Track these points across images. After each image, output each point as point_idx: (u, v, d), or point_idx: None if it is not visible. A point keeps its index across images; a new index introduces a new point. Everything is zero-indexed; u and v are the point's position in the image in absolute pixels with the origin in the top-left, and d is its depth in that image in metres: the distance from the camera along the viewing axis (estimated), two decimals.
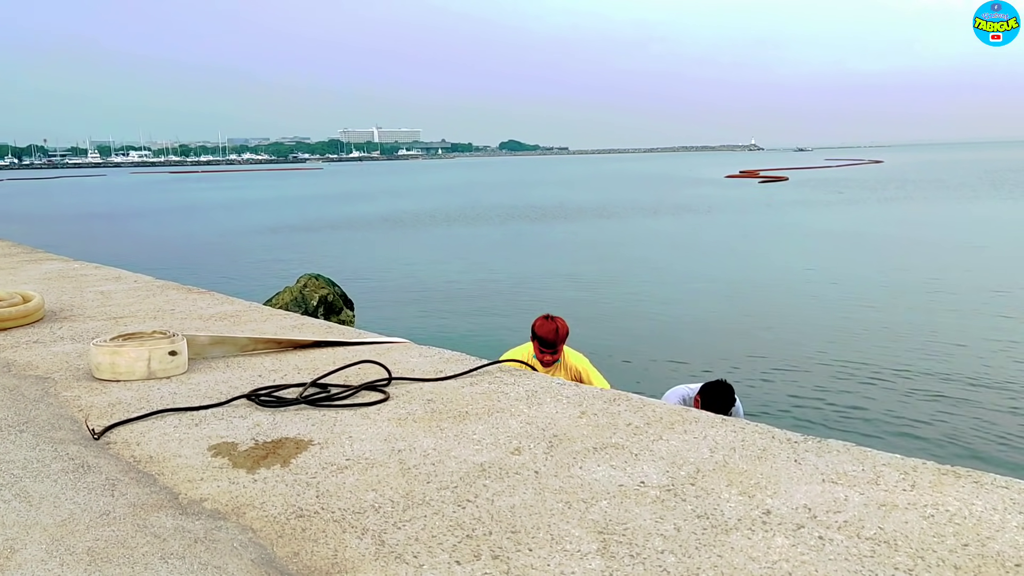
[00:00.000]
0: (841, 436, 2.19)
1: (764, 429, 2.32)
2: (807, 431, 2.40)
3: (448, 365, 3.14)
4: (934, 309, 12.07)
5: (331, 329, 3.95)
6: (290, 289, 6.65)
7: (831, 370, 9.01)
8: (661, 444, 2.20)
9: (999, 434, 6.74)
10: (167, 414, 2.53)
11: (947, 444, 6.63)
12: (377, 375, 2.90)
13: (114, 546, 1.64)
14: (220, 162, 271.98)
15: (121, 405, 2.66)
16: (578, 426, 2.37)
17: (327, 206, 46.12)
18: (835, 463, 2.03)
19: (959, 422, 7.07)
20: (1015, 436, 6.61)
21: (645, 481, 1.94)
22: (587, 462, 2.08)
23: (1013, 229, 23.85)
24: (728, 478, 1.95)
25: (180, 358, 3.03)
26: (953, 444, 6.63)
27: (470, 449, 2.19)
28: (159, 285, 5.35)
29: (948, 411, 7.42)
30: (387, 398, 2.68)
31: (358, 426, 2.40)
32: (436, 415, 2.51)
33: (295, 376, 3.00)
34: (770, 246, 21.34)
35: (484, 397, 2.70)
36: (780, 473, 1.97)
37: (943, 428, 7.01)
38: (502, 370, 3.06)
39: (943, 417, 7.31)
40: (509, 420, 2.44)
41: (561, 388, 2.80)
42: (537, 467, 2.05)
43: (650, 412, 2.50)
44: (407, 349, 3.45)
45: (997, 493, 1.81)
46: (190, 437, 2.32)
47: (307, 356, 3.33)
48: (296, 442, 2.26)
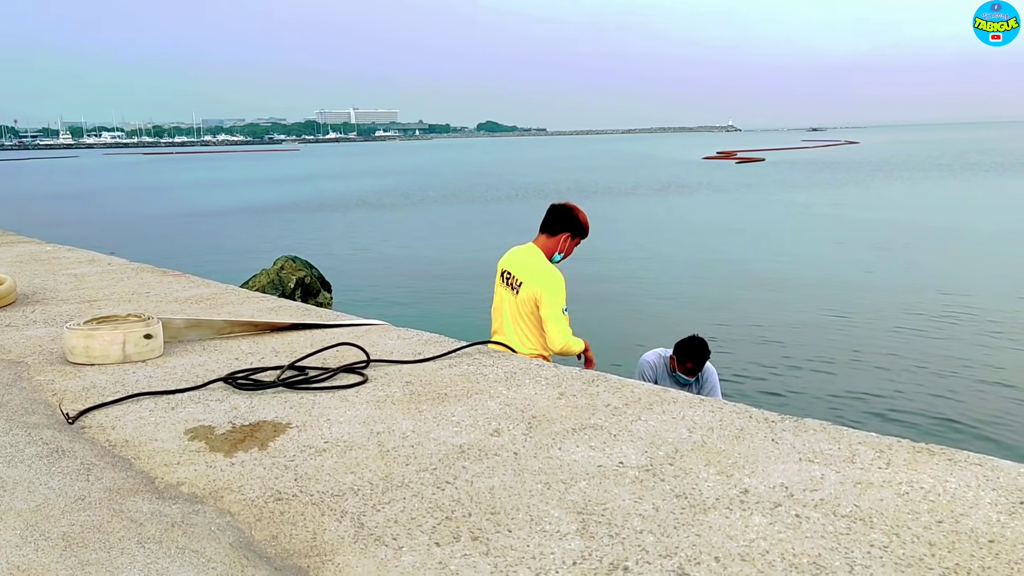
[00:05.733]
0: (818, 413, 2.23)
1: (742, 409, 2.34)
2: (784, 408, 2.44)
3: (427, 347, 3.13)
4: (908, 288, 12.22)
5: (308, 311, 3.93)
6: (267, 272, 6.59)
7: (807, 348, 9.11)
8: (640, 424, 2.21)
9: (974, 412, 6.86)
10: (143, 398, 2.50)
11: (922, 421, 6.73)
12: (355, 357, 2.89)
13: (89, 531, 1.62)
14: (195, 143, 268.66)
15: (96, 389, 2.62)
16: (557, 407, 2.38)
17: (304, 187, 45.76)
18: (812, 442, 2.05)
19: (933, 399, 7.18)
20: (989, 413, 6.72)
21: (624, 461, 1.95)
22: (566, 443, 2.08)
23: (984, 208, 24.17)
24: (706, 458, 1.96)
25: (155, 341, 2.99)
26: (928, 420, 6.74)
27: (449, 431, 2.19)
28: (133, 268, 5.28)
29: (923, 388, 7.54)
30: (365, 380, 2.67)
31: (336, 409, 2.39)
32: (415, 397, 2.50)
33: (272, 359, 2.98)
34: (746, 227, 21.46)
35: (463, 379, 2.69)
36: (758, 452, 1.99)
37: (918, 405, 7.12)
38: (481, 352, 3.05)
39: (918, 394, 7.43)
40: (488, 402, 2.44)
41: (540, 369, 2.80)
42: (516, 448, 2.05)
43: (628, 393, 2.51)
44: (385, 331, 3.44)
45: (971, 470, 1.84)
46: (166, 421, 2.30)
47: (285, 339, 3.30)
48: (274, 425, 2.24)
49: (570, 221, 3.95)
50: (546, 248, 3.95)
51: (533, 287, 3.82)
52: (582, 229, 3.99)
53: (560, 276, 3.87)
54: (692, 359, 4.85)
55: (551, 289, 3.81)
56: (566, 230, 3.95)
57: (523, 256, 3.98)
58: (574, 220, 3.96)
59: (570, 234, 3.96)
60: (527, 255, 3.96)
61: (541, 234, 3.99)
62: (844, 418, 6.97)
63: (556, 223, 3.96)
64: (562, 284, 3.85)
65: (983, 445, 5.91)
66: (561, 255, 3.98)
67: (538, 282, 3.83)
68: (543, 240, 3.97)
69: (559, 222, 3.96)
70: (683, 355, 4.87)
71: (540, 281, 3.82)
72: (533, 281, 3.84)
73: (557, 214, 3.98)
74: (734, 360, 8.50)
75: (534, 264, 3.90)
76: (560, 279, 3.85)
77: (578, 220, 3.96)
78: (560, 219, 3.96)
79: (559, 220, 3.96)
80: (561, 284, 3.84)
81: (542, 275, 3.84)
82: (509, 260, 4.05)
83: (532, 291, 3.83)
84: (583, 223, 3.98)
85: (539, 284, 3.82)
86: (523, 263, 3.94)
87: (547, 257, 3.94)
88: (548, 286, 3.81)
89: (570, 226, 3.95)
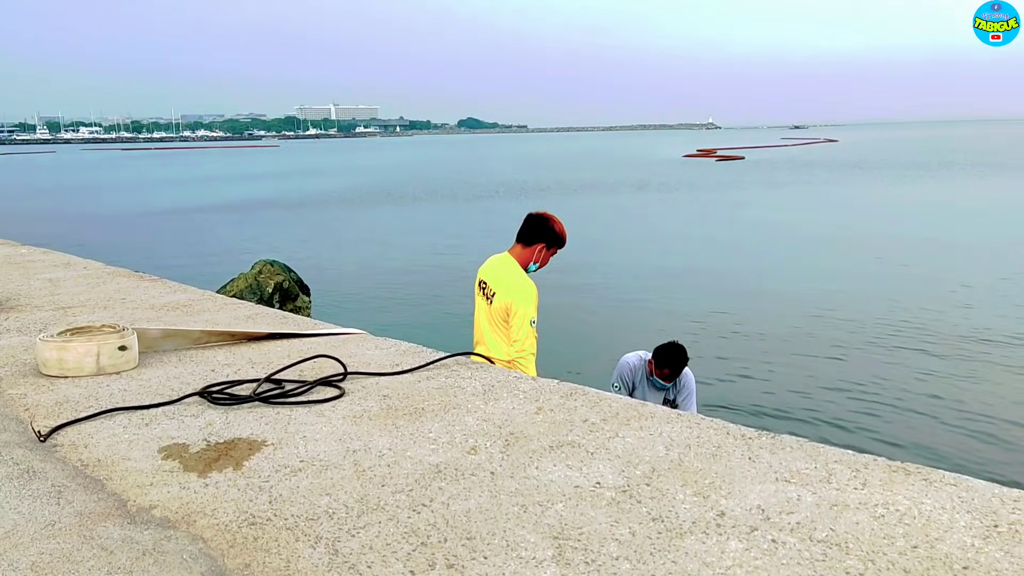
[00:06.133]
0: (792, 423, 2.22)
1: (719, 425, 2.34)
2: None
3: (404, 358, 3.11)
4: (885, 294, 12.32)
5: (286, 319, 3.90)
6: (245, 276, 6.53)
7: (785, 352, 9.17)
8: (617, 442, 2.21)
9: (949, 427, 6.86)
10: (116, 413, 2.47)
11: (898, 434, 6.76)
12: (332, 370, 2.87)
13: (59, 560, 1.59)
14: (173, 139, 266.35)
15: (69, 403, 2.59)
16: (535, 423, 2.37)
17: (285, 184, 45.48)
18: (788, 460, 2.06)
19: (910, 411, 7.22)
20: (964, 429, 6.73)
21: (601, 482, 1.95)
22: (543, 462, 2.08)
23: (961, 213, 24.42)
24: (683, 477, 1.96)
25: (130, 353, 2.95)
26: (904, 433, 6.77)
27: (426, 449, 2.17)
28: (109, 272, 5.21)
29: (899, 399, 7.58)
30: (342, 394, 2.65)
31: (313, 424, 2.37)
32: (391, 412, 2.49)
33: (249, 371, 2.95)
34: (725, 229, 21.57)
35: (440, 392, 2.68)
36: (734, 472, 1.99)
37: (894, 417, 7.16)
38: (459, 363, 3.04)
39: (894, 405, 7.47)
40: (465, 417, 2.43)
41: (518, 382, 2.79)
42: (493, 468, 2.04)
43: (606, 408, 2.51)
44: (363, 340, 3.42)
45: (945, 491, 1.85)
46: (140, 438, 2.27)
47: (261, 349, 3.27)
48: (249, 443, 2.22)
49: (545, 231, 3.94)
50: (521, 258, 3.95)
51: (505, 297, 3.85)
52: (558, 239, 3.98)
53: (532, 287, 3.86)
54: (670, 365, 4.86)
55: (520, 300, 3.82)
56: (541, 240, 3.94)
57: (498, 266, 3.99)
58: (550, 230, 3.95)
59: (545, 244, 3.95)
60: (502, 265, 3.97)
61: (517, 244, 3.99)
62: (819, 418, 7.03)
63: (531, 233, 3.95)
64: (533, 296, 3.84)
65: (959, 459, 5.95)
66: (536, 265, 3.98)
67: (509, 293, 3.84)
68: (518, 250, 3.97)
69: (534, 232, 3.95)
70: (661, 361, 4.89)
71: (511, 292, 3.84)
72: (505, 292, 3.86)
73: (532, 224, 3.97)
74: (708, 364, 8.54)
75: (508, 274, 3.91)
76: (532, 290, 3.85)
77: (554, 230, 3.96)
78: (535, 229, 3.95)
79: (534, 230, 3.95)
80: (532, 295, 3.84)
81: (514, 286, 3.86)
82: (486, 270, 4.06)
83: (504, 301, 3.85)
84: (559, 233, 3.97)
85: (510, 295, 3.84)
86: (498, 273, 3.95)
87: (522, 267, 3.94)
88: (518, 297, 3.82)
89: (545, 236, 3.95)
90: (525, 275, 3.94)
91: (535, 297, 3.88)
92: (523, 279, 3.90)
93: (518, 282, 3.88)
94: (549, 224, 3.98)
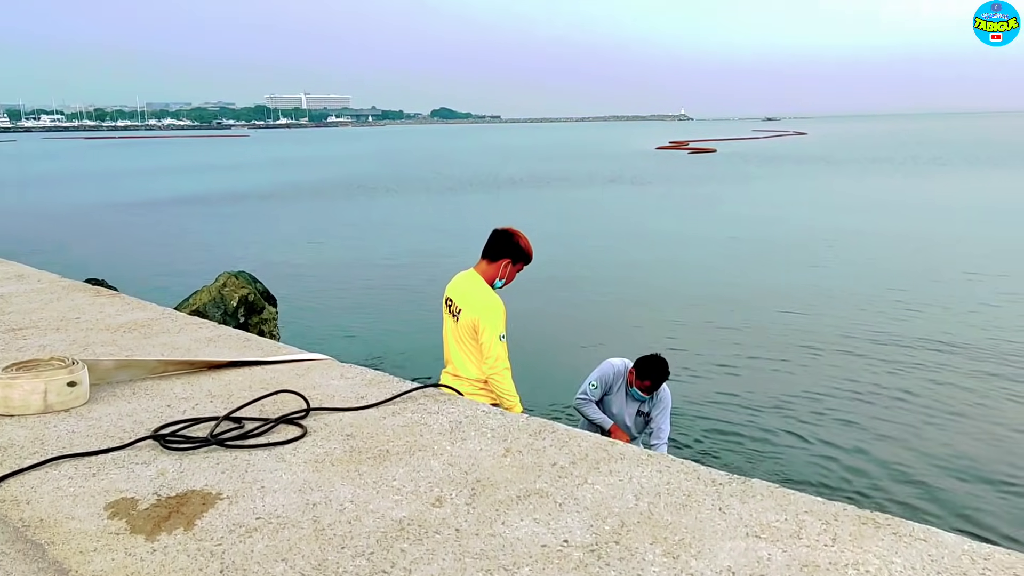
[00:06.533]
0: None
1: (689, 468, 2.30)
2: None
3: (370, 389, 3.03)
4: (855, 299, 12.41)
5: (249, 342, 3.79)
6: (208, 289, 6.37)
7: (749, 355, 9.20)
8: (586, 489, 2.15)
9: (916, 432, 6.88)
10: (62, 461, 2.36)
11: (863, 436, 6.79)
12: (295, 405, 2.78)
13: None
14: (139, 127, 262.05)
15: (13, 448, 2.47)
16: (502, 467, 2.31)
17: (254, 175, 44.89)
18: (758, 511, 2.01)
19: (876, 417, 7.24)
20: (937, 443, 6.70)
21: (569, 539, 1.89)
22: (510, 515, 2.01)
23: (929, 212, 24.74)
24: (653, 533, 1.91)
25: (80, 388, 2.84)
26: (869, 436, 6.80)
27: (389, 500, 2.10)
28: (64, 286, 5.05)
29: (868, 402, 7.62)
30: (305, 433, 2.56)
31: (272, 472, 2.28)
32: (355, 455, 2.41)
33: (207, 405, 2.85)
34: (694, 226, 21.65)
35: (406, 431, 2.60)
36: (704, 526, 1.94)
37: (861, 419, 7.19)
38: (426, 396, 2.97)
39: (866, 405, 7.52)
40: (431, 460, 2.36)
41: (486, 418, 2.73)
42: (459, 523, 1.98)
43: (575, 448, 2.45)
44: (328, 368, 3.33)
45: (915, 548, 1.82)
46: (86, 492, 2.16)
47: (222, 378, 3.17)
48: (203, 496, 2.13)
49: (511, 248, 3.93)
50: (487, 275, 3.94)
51: (471, 315, 3.85)
52: (523, 255, 3.97)
53: (499, 304, 3.86)
54: (651, 378, 4.84)
55: (488, 316, 3.83)
56: (506, 256, 3.93)
57: (464, 283, 3.98)
58: (515, 246, 3.94)
59: (511, 260, 3.95)
60: (468, 282, 3.96)
61: (482, 260, 3.98)
62: (783, 428, 7.05)
63: (496, 249, 3.94)
64: (500, 312, 3.84)
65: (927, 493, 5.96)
66: (503, 281, 3.97)
67: (476, 310, 3.85)
68: (484, 266, 3.95)
69: (499, 248, 3.94)
70: (643, 372, 4.86)
71: (478, 309, 3.85)
72: (471, 309, 3.86)
73: (498, 240, 3.95)
74: (681, 362, 8.54)
75: (473, 291, 3.90)
76: (498, 307, 3.85)
77: (519, 247, 3.94)
78: (501, 245, 3.94)
79: (500, 246, 3.94)
80: (499, 312, 3.84)
81: (480, 303, 3.85)
82: (452, 287, 4.04)
83: (471, 318, 3.86)
84: (524, 249, 3.96)
85: (476, 312, 3.84)
86: (463, 290, 3.94)
87: (488, 283, 3.93)
88: (486, 314, 3.83)
89: (510, 252, 3.94)
90: (491, 291, 3.92)
91: (502, 312, 3.87)
92: (489, 295, 3.89)
93: (484, 298, 3.87)
94: (514, 240, 3.96)
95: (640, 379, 4.89)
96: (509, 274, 3.99)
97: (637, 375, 4.91)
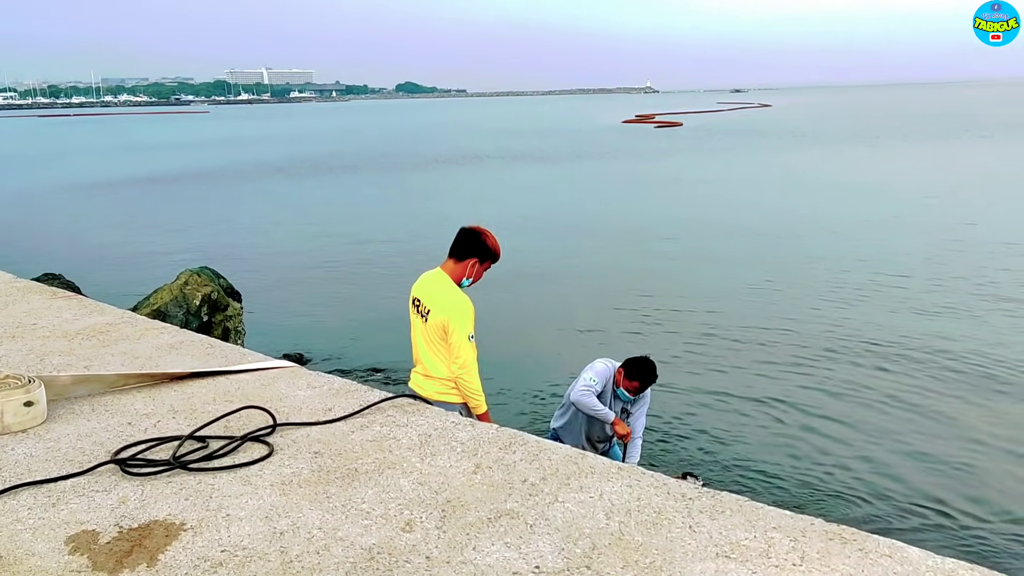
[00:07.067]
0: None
1: (659, 482, 2.30)
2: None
3: (337, 400, 2.99)
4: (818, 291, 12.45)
5: (212, 349, 3.71)
6: (169, 287, 6.22)
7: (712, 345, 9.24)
8: (556, 509, 2.15)
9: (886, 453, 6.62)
10: (22, 490, 2.30)
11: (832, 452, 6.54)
12: (262, 421, 2.74)
13: None
14: (95, 104, 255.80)
15: None
16: (472, 485, 2.29)
17: (216, 153, 44.09)
18: (728, 529, 2.03)
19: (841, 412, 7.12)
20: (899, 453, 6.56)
21: (540, 565, 1.88)
22: (481, 539, 2.00)
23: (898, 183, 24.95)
24: (624, 556, 1.91)
25: (37, 407, 2.76)
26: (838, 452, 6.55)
27: (359, 526, 2.08)
28: (20, 287, 4.92)
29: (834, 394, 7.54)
30: (271, 452, 2.52)
31: (237, 497, 2.24)
32: (323, 474, 2.38)
33: (169, 422, 2.80)
34: (660, 205, 21.69)
35: (374, 446, 2.57)
36: (675, 546, 1.95)
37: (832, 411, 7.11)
38: (395, 406, 2.94)
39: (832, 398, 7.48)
40: (400, 479, 2.34)
41: (455, 431, 2.71)
42: (429, 549, 1.96)
43: (546, 462, 2.44)
44: (294, 377, 3.28)
45: (881, 564, 1.85)
46: (46, 524, 2.11)
47: (185, 391, 3.11)
48: (166, 527, 2.09)
49: (477, 246, 3.92)
50: (454, 274, 3.92)
51: (440, 316, 3.84)
52: (491, 254, 3.96)
53: (467, 303, 3.85)
54: (641, 379, 4.84)
55: (457, 317, 3.82)
56: (474, 255, 3.92)
57: (431, 283, 3.95)
58: (482, 245, 3.92)
59: (478, 259, 3.93)
60: (435, 282, 3.94)
61: (449, 259, 3.95)
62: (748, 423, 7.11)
63: (464, 248, 3.92)
64: (470, 312, 3.83)
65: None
66: (470, 280, 3.96)
67: (444, 310, 3.83)
68: (451, 266, 3.93)
69: (467, 247, 3.91)
70: (633, 373, 4.86)
71: (446, 309, 3.83)
72: (440, 309, 3.84)
73: (465, 239, 3.92)
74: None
75: (441, 291, 3.88)
76: (467, 306, 3.84)
77: (486, 245, 3.93)
78: (468, 244, 3.91)
79: (467, 245, 3.92)
80: (468, 311, 3.83)
81: (449, 303, 3.84)
82: (419, 287, 4.01)
83: (440, 319, 3.85)
84: (492, 248, 3.94)
85: (445, 312, 3.82)
86: (431, 291, 3.92)
87: (456, 282, 3.91)
88: (454, 314, 3.82)
89: (477, 251, 3.92)
90: (459, 291, 3.90)
91: (471, 312, 3.86)
92: (457, 295, 3.87)
93: (453, 299, 3.85)
94: (481, 239, 3.94)
95: (630, 379, 4.88)
96: (477, 273, 3.97)
97: (627, 375, 4.89)
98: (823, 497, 5.65)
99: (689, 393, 7.57)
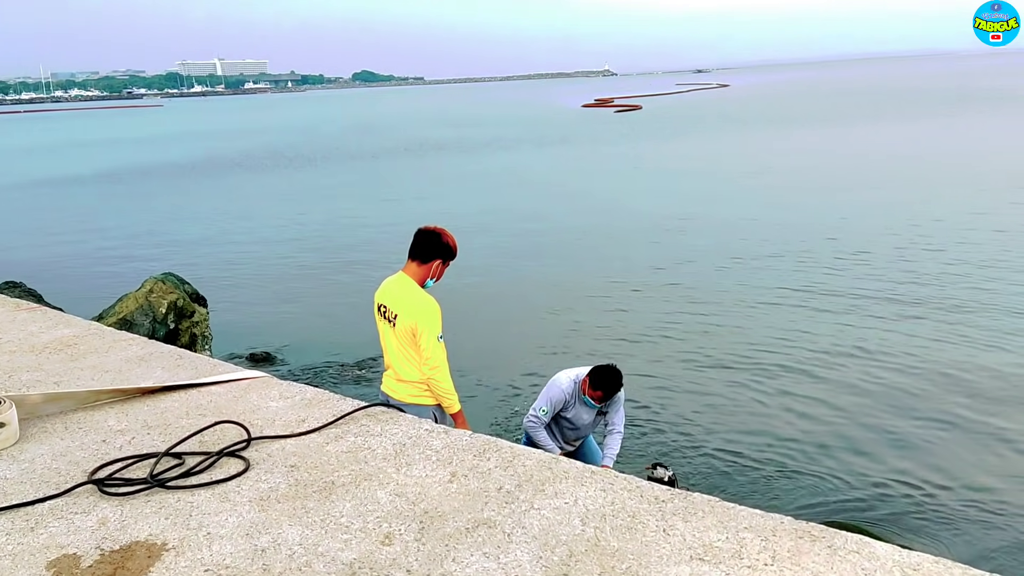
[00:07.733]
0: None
1: (632, 486, 2.36)
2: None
3: (310, 410, 3.01)
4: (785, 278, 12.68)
5: (182, 360, 3.69)
6: (135, 296, 6.13)
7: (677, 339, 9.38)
8: (533, 516, 2.20)
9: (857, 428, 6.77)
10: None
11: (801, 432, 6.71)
12: (236, 435, 2.75)
13: None
14: (44, 99, 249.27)
15: None
16: (449, 495, 2.33)
17: (171, 147, 43.31)
18: (701, 530, 2.09)
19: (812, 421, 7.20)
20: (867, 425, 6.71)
21: (519, 575, 1.93)
22: (460, 550, 2.05)
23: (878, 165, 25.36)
24: (600, 562, 1.97)
25: (9, 428, 2.74)
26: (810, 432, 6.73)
27: (338, 540, 2.11)
28: None
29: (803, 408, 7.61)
30: (248, 467, 2.54)
31: (217, 515, 2.26)
32: (300, 488, 2.40)
33: (144, 438, 2.79)
34: (620, 194, 21.82)
35: (350, 457, 2.60)
36: (650, 550, 2.01)
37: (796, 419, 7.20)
38: (368, 416, 2.97)
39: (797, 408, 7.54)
40: (377, 491, 2.37)
41: (430, 439, 2.74)
42: (409, 563, 2.00)
43: (520, 468, 2.49)
44: (266, 387, 3.29)
45: (849, 561, 1.93)
46: (25, 550, 2.11)
47: (157, 405, 3.10)
48: (148, 548, 2.10)
49: (440, 247, 4.01)
50: (418, 276, 3.98)
51: (408, 320, 3.91)
52: (452, 253, 4.07)
53: (434, 305, 3.92)
54: (604, 389, 4.90)
55: (425, 319, 3.88)
56: (437, 256, 4.00)
57: (396, 288, 4.01)
58: (444, 246, 4.02)
59: (442, 259, 4.00)
60: (400, 286, 4.00)
61: (412, 261, 4.00)
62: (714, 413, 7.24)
63: (427, 250, 3.98)
64: (437, 313, 3.91)
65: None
66: (433, 280, 4.03)
67: (412, 314, 3.89)
68: (414, 268, 3.99)
69: (430, 249, 3.98)
70: (597, 383, 4.92)
71: (414, 313, 3.89)
72: (407, 313, 3.91)
73: (427, 241, 3.98)
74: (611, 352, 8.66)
75: (407, 295, 3.94)
76: (434, 308, 3.91)
77: (448, 246, 4.03)
78: (430, 246, 3.99)
79: (430, 247, 3.98)
80: (435, 313, 3.90)
81: (415, 306, 3.90)
82: (384, 293, 4.06)
83: (408, 323, 3.92)
84: (452, 247, 4.05)
85: (413, 316, 3.89)
86: (396, 295, 3.99)
87: (420, 284, 3.97)
88: (422, 317, 3.88)
89: (441, 252, 4.02)
90: (424, 293, 3.97)
91: (438, 313, 3.93)
92: (423, 297, 3.93)
93: (419, 302, 3.91)
94: (443, 240, 4.02)
95: (594, 389, 4.94)
96: (439, 272, 4.05)
97: (591, 385, 4.95)
98: (793, 488, 5.80)
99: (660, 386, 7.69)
